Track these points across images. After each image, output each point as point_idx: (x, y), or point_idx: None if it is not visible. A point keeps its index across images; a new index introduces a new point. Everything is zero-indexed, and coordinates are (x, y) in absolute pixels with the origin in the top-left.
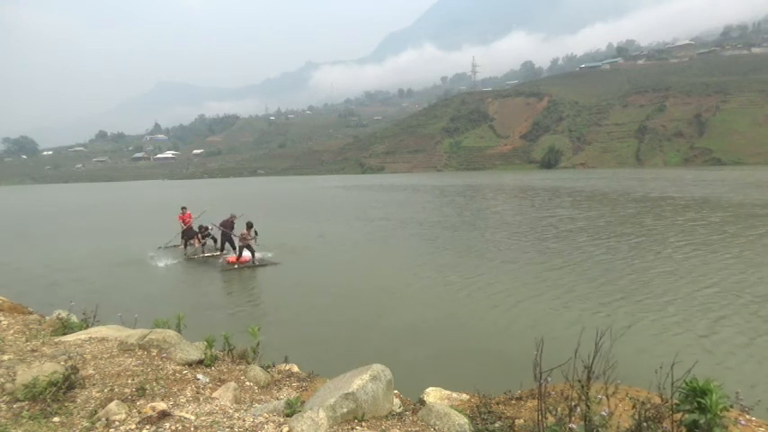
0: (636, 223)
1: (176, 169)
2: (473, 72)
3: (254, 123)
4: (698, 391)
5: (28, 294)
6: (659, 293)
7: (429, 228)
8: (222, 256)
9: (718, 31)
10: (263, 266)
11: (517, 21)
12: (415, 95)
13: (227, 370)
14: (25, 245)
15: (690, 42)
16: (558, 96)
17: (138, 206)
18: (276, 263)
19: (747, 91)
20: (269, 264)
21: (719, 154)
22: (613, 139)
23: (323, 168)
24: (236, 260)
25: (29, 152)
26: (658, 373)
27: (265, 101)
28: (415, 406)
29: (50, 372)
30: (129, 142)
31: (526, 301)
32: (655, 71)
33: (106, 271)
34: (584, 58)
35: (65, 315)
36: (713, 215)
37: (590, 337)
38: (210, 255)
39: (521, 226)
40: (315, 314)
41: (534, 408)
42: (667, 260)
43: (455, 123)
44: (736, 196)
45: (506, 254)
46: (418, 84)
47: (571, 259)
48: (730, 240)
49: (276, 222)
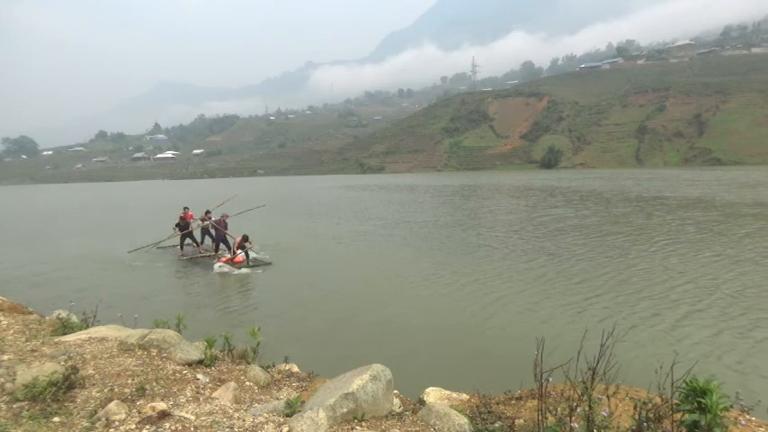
0: (625, 222)
1: (176, 169)
2: (473, 72)
3: (254, 123)
4: (698, 391)
5: (16, 293)
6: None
7: (427, 227)
8: (217, 257)
9: (718, 31)
10: (256, 267)
11: (517, 21)
12: (414, 95)
13: (227, 370)
14: (23, 245)
15: (690, 42)
16: (557, 96)
17: (139, 206)
18: (270, 263)
19: (747, 91)
20: (263, 264)
21: (719, 154)
22: (613, 139)
23: (323, 168)
24: (229, 260)
25: (29, 152)
26: (658, 373)
27: (265, 101)
28: (415, 406)
29: (50, 372)
30: (129, 142)
31: (507, 297)
32: (655, 71)
33: (100, 271)
34: (584, 58)
35: (65, 315)
36: (703, 214)
37: (575, 338)
38: (207, 255)
39: (512, 225)
40: (314, 314)
41: (534, 408)
42: (648, 257)
43: (455, 123)
44: (728, 196)
45: (502, 253)
46: (418, 84)
47: (557, 256)
48: (715, 239)
49: (275, 223)
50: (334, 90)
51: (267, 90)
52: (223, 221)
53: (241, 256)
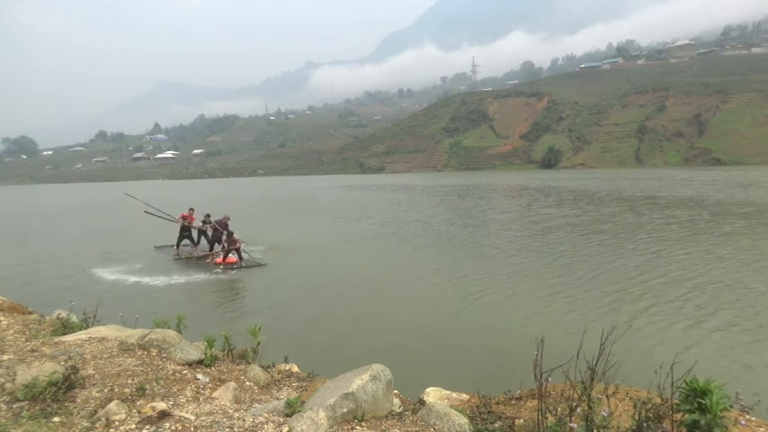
0: (613, 221)
1: (176, 169)
2: (473, 72)
3: (254, 123)
4: (698, 392)
5: (15, 293)
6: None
7: (425, 227)
8: (212, 257)
9: (718, 31)
10: (249, 267)
11: (517, 21)
12: (414, 95)
13: (227, 370)
14: (20, 245)
15: (690, 42)
16: (557, 96)
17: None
18: (264, 264)
19: (747, 91)
20: (255, 265)
21: (719, 154)
22: (613, 139)
23: (323, 168)
24: (222, 261)
25: (29, 152)
26: (658, 373)
27: (265, 101)
28: (415, 406)
29: (50, 372)
30: (129, 142)
31: (507, 297)
32: (655, 71)
33: (93, 270)
34: (584, 58)
35: (65, 315)
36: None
37: (575, 338)
38: (203, 255)
39: (503, 224)
40: (313, 314)
41: (534, 408)
42: (628, 255)
43: (455, 123)
44: (719, 195)
45: (501, 252)
46: (418, 84)
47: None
48: (696, 237)
49: (274, 222)
50: (334, 90)
51: (267, 90)
52: (224, 222)
53: (233, 257)
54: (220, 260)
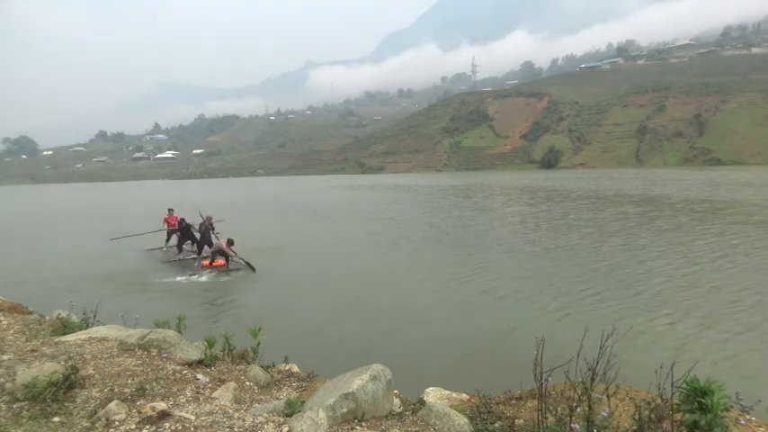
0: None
1: (176, 169)
2: (473, 72)
3: (254, 123)
4: (699, 392)
5: (16, 293)
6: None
7: (428, 226)
8: (199, 260)
9: (718, 31)
10: (238, 270)
11: (517, 21)
12: (414, 95)
13: (227, 370)
14: (20, 245)
15: (690, 42)
16: (557, 96)
17: (138, 207)
18: (254, 268)
19: (747, 91)
20: (245, 268)
21: (719, 154)
22: (613, 139)
23: (323, 168)
24: (209, 264)
25: (28, 152)
26: (658, 374)
27: (265, 101)
28: (415, 406)
29: (50, 372)
30: (129, 142)
31: (507, 297)
32: (655, 71)
33: (88, 270)
34: (584, 58)
35: (65, 315)
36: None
37: (575, 338)
38: (192, 257)
39: (506, 225)
40: (313, 314)
41: (534, 408)
42: (628, 255)
43: (455, 123)
44: (707, 195)
45: (501, 252)
46: (418, 84)
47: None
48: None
49: (274, 222)
50: (334, 90)
51: (267, 90)
52: (208, 223)
53: (220, 260)
54: (207, 263)
